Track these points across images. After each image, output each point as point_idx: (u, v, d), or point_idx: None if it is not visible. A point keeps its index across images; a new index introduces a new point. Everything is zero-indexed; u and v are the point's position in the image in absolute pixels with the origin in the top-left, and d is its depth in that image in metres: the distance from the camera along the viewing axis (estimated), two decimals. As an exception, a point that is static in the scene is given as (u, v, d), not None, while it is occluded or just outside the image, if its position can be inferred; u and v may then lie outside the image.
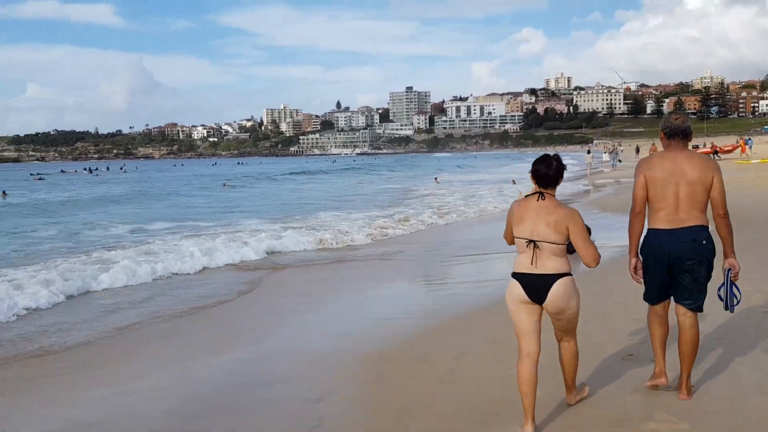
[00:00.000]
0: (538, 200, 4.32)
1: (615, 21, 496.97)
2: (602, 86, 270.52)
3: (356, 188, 42.87)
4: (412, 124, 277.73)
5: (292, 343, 7.40)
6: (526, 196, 4.40)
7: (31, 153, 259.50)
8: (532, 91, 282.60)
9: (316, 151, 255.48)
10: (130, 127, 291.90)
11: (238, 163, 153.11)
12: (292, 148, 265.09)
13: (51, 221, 24.42)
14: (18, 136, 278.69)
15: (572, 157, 62.41)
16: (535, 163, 4.41)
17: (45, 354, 7.36)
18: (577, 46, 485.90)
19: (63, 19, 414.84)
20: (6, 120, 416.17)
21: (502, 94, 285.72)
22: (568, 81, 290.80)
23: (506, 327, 7.01)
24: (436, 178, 46.25)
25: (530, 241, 4.28)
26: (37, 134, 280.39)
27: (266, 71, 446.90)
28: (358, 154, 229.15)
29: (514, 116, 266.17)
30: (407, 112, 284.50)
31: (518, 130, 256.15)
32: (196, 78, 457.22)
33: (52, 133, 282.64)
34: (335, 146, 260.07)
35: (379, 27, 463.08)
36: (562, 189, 30.31)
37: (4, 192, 43.34)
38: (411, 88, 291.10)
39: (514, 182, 34.73)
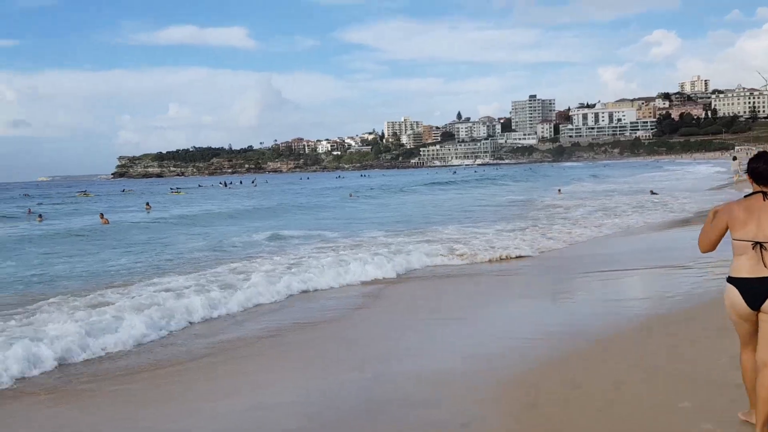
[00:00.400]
0: (764, 200, 3.98)
1: (756, 19, 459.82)
2: (744, 88, 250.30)
3: (479, 200, 42.18)
4: (535, 133, 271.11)
5: (423, 361, 7.10)
6: (745, 197, 4.08)
7: (172, 168, 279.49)
8: (666, 96, 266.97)
9: (437, 163, 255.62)
10: (260, 143, 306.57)
11: (361, 175, 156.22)
12: (412, 160, 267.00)
13: (194, 232, 25.82)
14: (161, 153, 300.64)
15: (715, 164, 57.99)
16: (751, 161, 4.10)
17: (173, 365, 7.60)
18: (714, 46, 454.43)
19: (200, 43, 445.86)
20: (151, 138, 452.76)
21: (633, 100, 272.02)
22: (705, 84, 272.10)
23: (666, 353, 6.37)
24: (559, 190, 44.56)
25: (756, 243, 3.92)
26: (177, 151, 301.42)
27: (387, 84, 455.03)
28: (479, 164, 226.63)
29: (646, 122, 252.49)
30: (530, 120, 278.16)
31: (650, 137, 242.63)
32: (320, 94, 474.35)
33: (190, 149, 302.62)
34: (456, 157, 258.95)
35: (501, 36, 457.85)
36: (710, 198, 28.08)
37: (148, 204, 47.12)
38: (534, 96, 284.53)
39: (652, 192, 32.66)
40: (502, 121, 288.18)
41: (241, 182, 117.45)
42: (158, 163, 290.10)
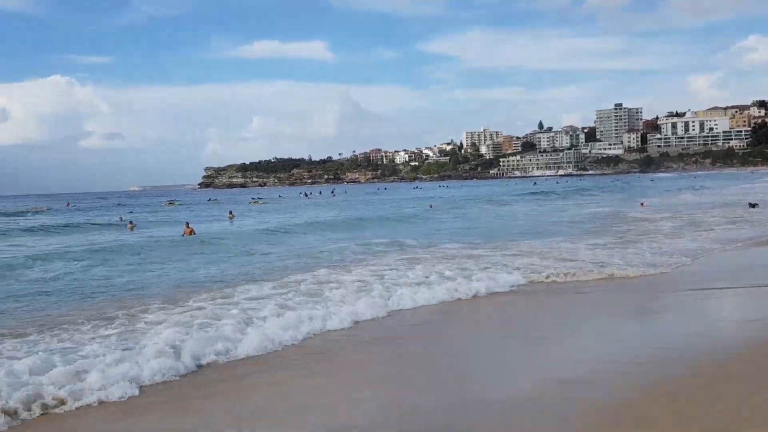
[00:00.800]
0: None
1: None
2: None
3: (560, 211, 40.99)
4: (621, 142, 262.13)
5: (507, 385, 6.74)
6: None
7: (254, 179, 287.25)
8: (762, 104, 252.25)
9: (517, 173, 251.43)
10: (339, 154, 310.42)
11: (440, 186, 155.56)
12: (491, 171, 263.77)
13: (277, 241, 26.23)
14: (244, 163, 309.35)
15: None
16: None
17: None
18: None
19: (282, 57, 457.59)
20: (235, 149, 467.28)
21: (726, 108, 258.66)
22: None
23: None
24: (642, 203, 42.67)
25: None
26: (259, 162, 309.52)
27: (467, 95, 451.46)
28: (561, 175, 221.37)
29: (740, 131, 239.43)
30: (616, 130, 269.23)
31: (745, 147, 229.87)
32: (398, 104, 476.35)
33: (272, 160, 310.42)
34: (537, 168, 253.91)
35: (585, 44, 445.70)
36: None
37: (231, 212, 49.29)
38: (620, 104, 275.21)
39: (751, 205, 30.72)
40: (586, 130, 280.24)
41: (320, 192, 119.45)
42: (241, 173, 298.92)
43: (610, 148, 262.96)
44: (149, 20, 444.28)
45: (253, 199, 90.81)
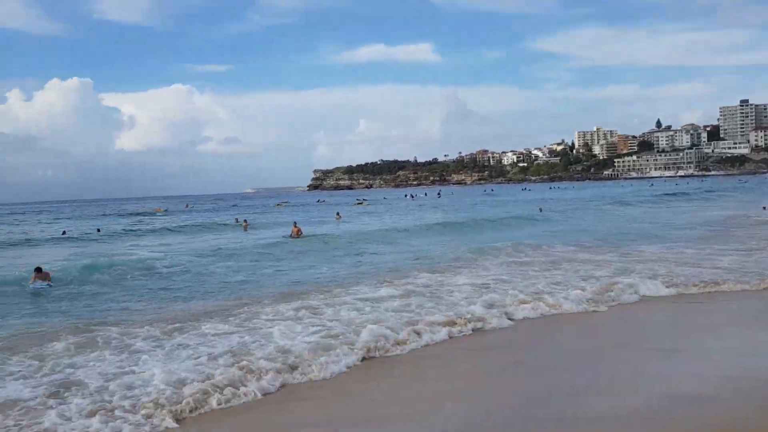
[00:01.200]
0: None
1: None
2: None
3: (680, 214, 38.42)
4: (747, 141, 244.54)
5: (618, 399, 6.23)
6: None
7: (361, 181, 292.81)
8: None
9: (633, 174, 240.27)
10: (445, 155, 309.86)
11: (550, 188, 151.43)
12: (605, 172, 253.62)
13: (384, 242, 26.48)
14: (351, 166, 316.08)
15: None
16: None
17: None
18: None
19: (388, 60, 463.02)
20: (342, 152, 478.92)
21: None
22: None
23: None
24: (764, 207, 38.99)
25: None
26: (365, 164, 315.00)
27: (578, 93, 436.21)
28: (681, 176, 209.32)
29: None
30: (741, 128, 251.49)
31: None
32: (506, 105, 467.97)
33: (378, 162, 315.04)
34: (654, 168, 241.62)
35: (706, 38, 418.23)
36: None
37: (338, 213, 50.69)
38: (746, 101, 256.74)
39: None
40: (708, 129, 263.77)
41: (426, 194, 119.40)
42: (348, 175, 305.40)
43: (736, 147, 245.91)
44: (264, 29, 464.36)
45: (357, 200, 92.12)
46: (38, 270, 16.58)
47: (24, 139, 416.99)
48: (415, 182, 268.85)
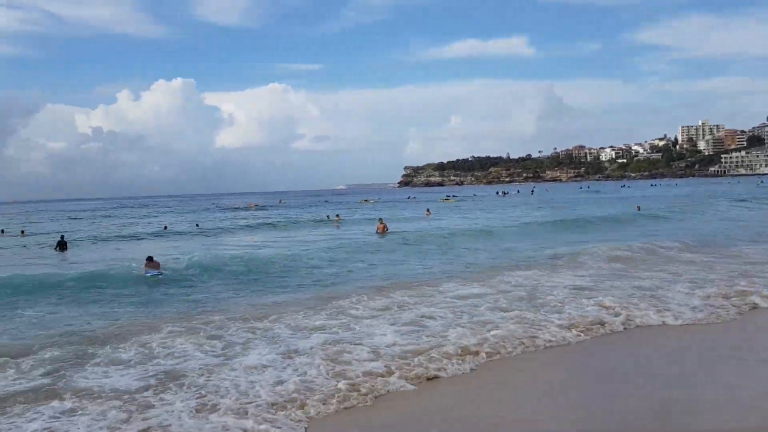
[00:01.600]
0: None
1: None
2: None
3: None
4: None
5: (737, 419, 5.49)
6: None
7: (452, 177, 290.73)
8: None
9: (742, 171, 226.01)
10: (539, 151, 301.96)
11: (651, 185, 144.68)
12: (711, 168, 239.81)
13: (473, 240, 26.03)
14: (442, 162, 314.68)
15: None
16: None
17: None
18: None
19: (480, 55, 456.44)
20: (434, 149, 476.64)
21: None
22: None
23: None
24: None
25: None
26: (457, 160, 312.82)
27: (681, 86, 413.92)
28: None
29: None
30: None
31: None
32: (604, 99, 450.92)
33: (469, 159, 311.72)
34: (765, 165, 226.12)
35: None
36: None
37: (428, 210, 51.27)
38: None
39: None
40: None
41: (518, 191, 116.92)
42: (439, 172, 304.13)
43: None
44: (356, 26, 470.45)
45: (447, 197, 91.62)
46: (149, 259, 17.84)
47: (133, 138, 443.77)
48: (507, 179, 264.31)
